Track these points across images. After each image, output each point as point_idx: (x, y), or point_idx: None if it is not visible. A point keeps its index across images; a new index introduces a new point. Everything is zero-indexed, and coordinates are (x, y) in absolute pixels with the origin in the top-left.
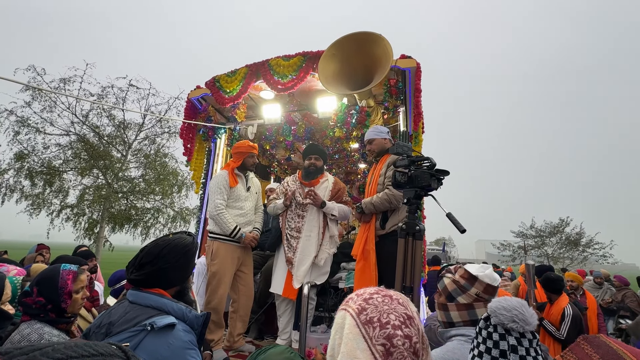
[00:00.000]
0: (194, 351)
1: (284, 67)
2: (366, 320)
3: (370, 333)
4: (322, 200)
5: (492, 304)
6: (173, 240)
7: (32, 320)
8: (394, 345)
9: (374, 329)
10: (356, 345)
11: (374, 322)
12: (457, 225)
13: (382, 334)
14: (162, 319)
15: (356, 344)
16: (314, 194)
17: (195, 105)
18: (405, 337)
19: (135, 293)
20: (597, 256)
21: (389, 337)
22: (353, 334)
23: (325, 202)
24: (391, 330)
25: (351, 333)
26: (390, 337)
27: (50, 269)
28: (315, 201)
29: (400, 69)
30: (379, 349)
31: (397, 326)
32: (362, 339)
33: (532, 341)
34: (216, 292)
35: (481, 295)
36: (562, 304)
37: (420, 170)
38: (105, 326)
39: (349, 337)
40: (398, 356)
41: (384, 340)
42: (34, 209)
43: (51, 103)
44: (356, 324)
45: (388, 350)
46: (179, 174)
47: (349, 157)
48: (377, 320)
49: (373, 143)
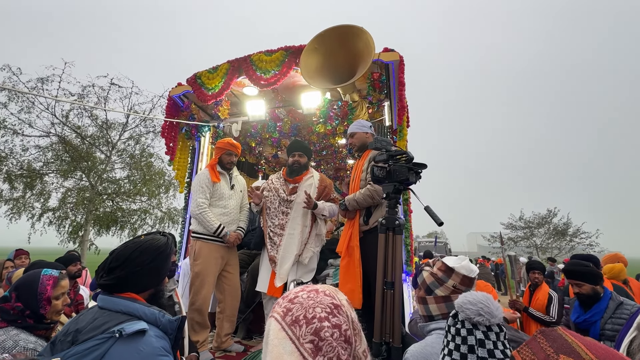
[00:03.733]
0: (167, 357)
1: (266, 63)
2: (292, 321)
3: (297, 333)
4: (315, 202)
5: (459, 299)
6: (144, 242)
7: (9, 326)
8: (322, 338)
9: (300, 327)
10: (283, 349)
11: (300, 321)
12: (434, 218)
13: (310, 330)
14: (132, 325)
15: (283, 349)
16: (309, 197)
17: (177, 103)
18: (333, 326)
19: (105, 298)
20: (583, 245)
21: (316, 331)
22: (279, 339)
23: (317, 204)
24: (317, 323)
25: (276, 338)
26: (317, 331)
27: (30, 274)
28: (309, 204)
29: (383, 62)
30: (308, 347)
31: (323, 318)
32: (289, 342)
33: (499, 334)
34: (200, 293)
35: (458, 287)
36: (546, 288)
37: (398, 165)
38: (72, 334)
39: (274, 344)
40: (327, 348)
41: (312, 336)
42: (14, 213)
43: (29, 104)
44: (282, 327)
45: (317, 346)
46: (165, 174)
47: (337, 152)
48: (303, 317)
49: (354, 137)
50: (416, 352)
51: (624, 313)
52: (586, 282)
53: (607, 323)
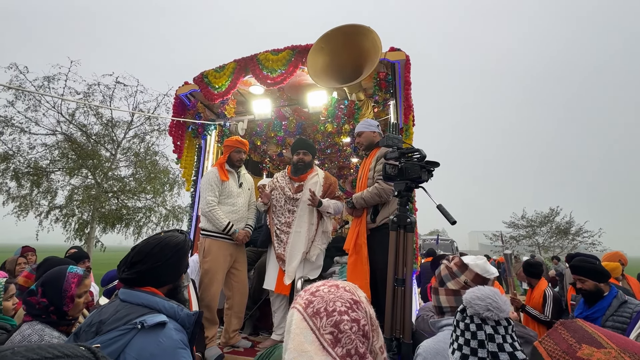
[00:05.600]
0: (185, 351)
1: (273, 62)
2: (313, 313)
3: (318, 324)
4: (319, 200)
5: (467, 294)
6: (165, 239)
7: (34, 320)
8: (341, 330)
9: (321, 319)
10: (304, 338)
11: (321, 313)
12: (447, 216)
13: (330, 322)
14: (152, 318)
15: (304, 337)
16: (313, 195)
17: (184, 102)
18: (352, 321)
19: (126, 291)
20: (586, 244)
21: (336, 323)
22: (300, 328)
23: (322, 202)
24: (338, 316)
25: (298, 328)
26: (337, 323)
27: (56, 271)
28: (314, 202)
29: (389, 61)
30: (327, 338)
31: (343, 312)
32: (309, 332)
33: (507, 328)
34: (209, 290)
35: (469, 283)
36: (542, 287)
37: (410, 163)
38: (96, 325)
39: (295, 332)
40: (346, 340)
41: (332, 328)
42: (22, 210)
43: (35, 102)
44: (303, 317)
45: (336, 337)
46: (169, 172)
47: (341, 151)
48: (324, 310)
49: (362, 136)
50: (429, 347)
51: (626, 312)
52: (589, 279)
53: (608, 320)
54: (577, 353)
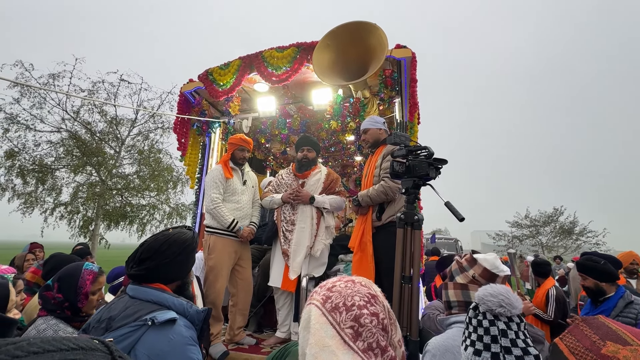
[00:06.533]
0: (195, 347)
1: (278, 59)
2: (332, 308)
3: (338, 318)
4: (311, 196)
5: (479, 291)
6: (173, 235)
7: (49, 315)
8: (362, 324)
9: (340, 313)
10: (324, 333)
11: (340, 307)
12: (455, 213)
13: (349, 316)
14: (163, 314)
15: (324, 332)
16: (296, 192)
17: (189, 99)
18: (372, 314)
19: (135, 288)
20: (590, 244)
21: (355, 318)
22: (320, 324)
23: (314, 197)
24: (357, 310)
25: (318, 323)
26: (357, 317)
27: (73, 267)
28: (303, 198)
29: (395, 59)
30: (348, 332)
31: (362, 306)
32: (329, 327)
33: (519, 324)
34: (214, 287)
35: (477, 278)
36: (547, 286)
37: (418, 160)
38: (105, 321)
39: (316, 328)
40: (367, 334)
41: (352, 322)
42: (27, 207)
43: (41, 99)
44: (322, 313)
45: (357, 331)
46: (173, 170)
47: (345, 149)
48: (343, 304)
49: (368, 133)
50: (438, 344)
51: (632, 312)
52: (590, 276)
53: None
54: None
